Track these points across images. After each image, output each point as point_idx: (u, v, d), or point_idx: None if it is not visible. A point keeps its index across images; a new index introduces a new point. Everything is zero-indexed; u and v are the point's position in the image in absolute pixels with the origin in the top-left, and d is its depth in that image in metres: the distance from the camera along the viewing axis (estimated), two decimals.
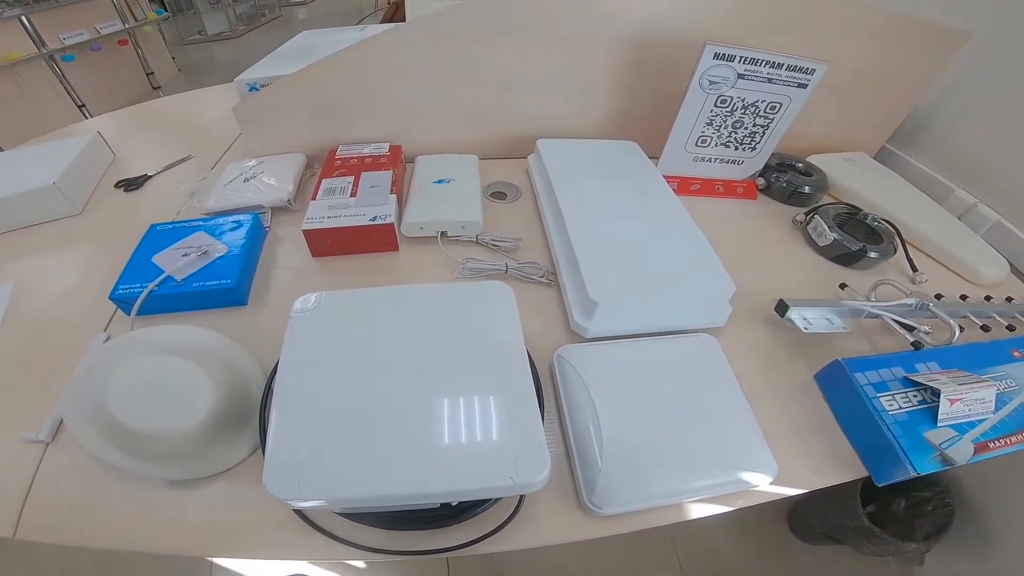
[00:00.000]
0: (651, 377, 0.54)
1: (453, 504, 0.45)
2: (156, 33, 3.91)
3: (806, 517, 1.29)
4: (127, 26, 3.53)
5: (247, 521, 0.47)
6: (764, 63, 0.76)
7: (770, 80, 0.78)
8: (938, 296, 0.73)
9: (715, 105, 0.81)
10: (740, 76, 0.78)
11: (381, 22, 2.91)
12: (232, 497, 0.49)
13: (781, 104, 0.82)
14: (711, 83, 0.78)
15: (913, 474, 0.49)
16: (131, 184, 0.96)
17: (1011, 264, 0.85)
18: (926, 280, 0.77)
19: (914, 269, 0.77)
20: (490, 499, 0.46)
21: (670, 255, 0.65)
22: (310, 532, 0.46)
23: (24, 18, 2.85)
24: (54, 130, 1.20)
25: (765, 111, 0.83)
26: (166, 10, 5.15)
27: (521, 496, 0.47)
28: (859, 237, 0.80)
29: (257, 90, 0.93)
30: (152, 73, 3.74)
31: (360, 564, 0.98)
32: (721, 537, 1.34)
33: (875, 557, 1.24)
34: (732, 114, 0.83)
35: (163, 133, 1.20)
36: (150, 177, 0.98)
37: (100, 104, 3.21)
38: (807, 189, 0.90)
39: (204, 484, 0.49)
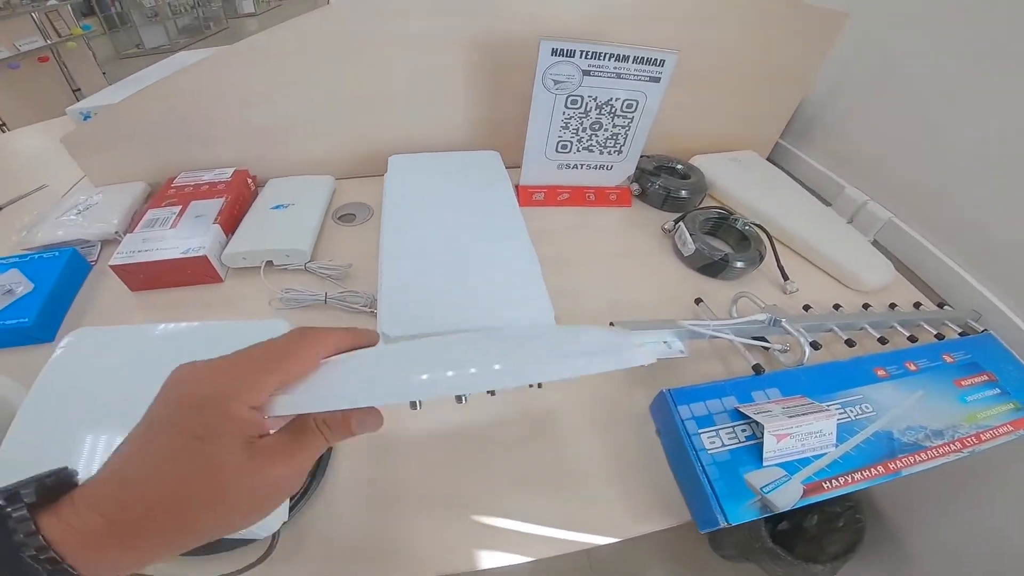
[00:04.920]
0: None
1: None
2: (83, 48, 3.75)
3: (720, 536, 1.23)
4: (49, 42, 3.39)
5: None
6: (608, 56, 0.71)
7: (619, 75, 0.73)
8: (806, 307, 0.68)
9: (566, 107, 0.76)
10: (586, 73, 0.72)
11: None
12: None
13: (637, 101, 0.76)
14: (556, 82, 0.73)
15: (725, 524, 0.43)
16: None
17: (903, 264, 0.82)
18: (797, 289, 0.72)
19: (785, 277, 0.73)
20: None
21: (489, 280, 0.59)
22: None
23: None
24: None
25: (622, 110, 0.77)
26: (103, 23, 5.01)
27: None
28: (730, 243, 0.75)
29: (91, 119, 0.87)
30: (79, 89, 3.58)
31: None
32: (642, 560, 1.28)
33: None
34: (587, 115, 0.77)
35: (26, 161, 1.13)
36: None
37: (21, 122, 3.03)
38: (684, 193, 0.85)
39: None
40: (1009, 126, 0.68)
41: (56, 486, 0.24)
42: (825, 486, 0.47)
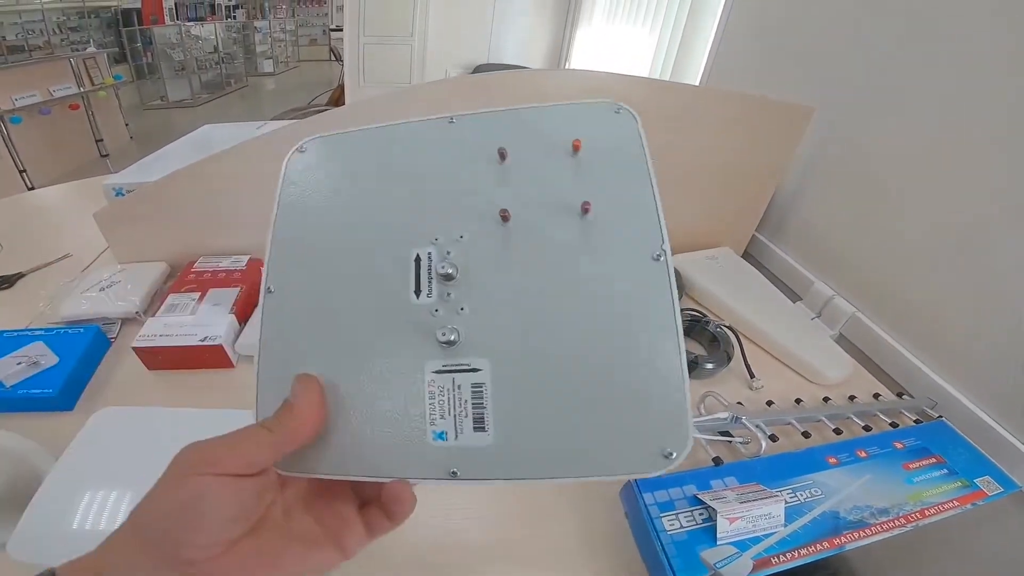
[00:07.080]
0: None
1: None
2: (111, 98, 3.91)
3: None
4: (82, 90, 3.53)
5: None
6: None
7: None
8: (769, 403, 0.74)
9: None
10: None
11: (327, 103, 3.00)
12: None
13: None
14: None
15: None
16: (2, 282, 0.96)
17: (866, 356, 0.87)
18: (762, 386, 0.78)
19: (751, 375, 0.79)
20: None
21: None
22: None
23: None
24: None
25: None
26: (132, 73, 5.26)
27: None
28: (703, 343, 0.82)
29: (123, 195, 0.94)
30: (101, 140, 3.72)
31: None
32: None
33: None
34: None
35: (54, 226, 1.21)
36: (23, 275, 0.99)
37: (43, 170, 3.17)
38: None
39: None
40: (959, 221, 0.74)
41: None
42: (774, 561, 0.52)
